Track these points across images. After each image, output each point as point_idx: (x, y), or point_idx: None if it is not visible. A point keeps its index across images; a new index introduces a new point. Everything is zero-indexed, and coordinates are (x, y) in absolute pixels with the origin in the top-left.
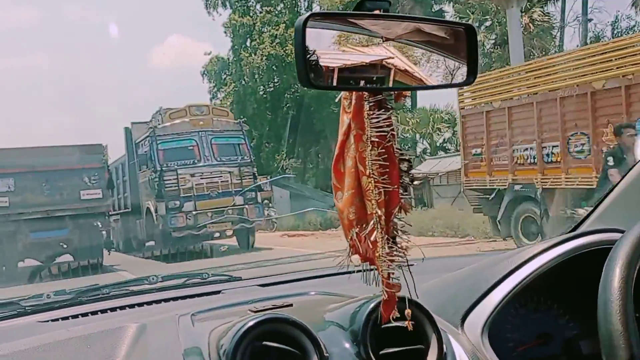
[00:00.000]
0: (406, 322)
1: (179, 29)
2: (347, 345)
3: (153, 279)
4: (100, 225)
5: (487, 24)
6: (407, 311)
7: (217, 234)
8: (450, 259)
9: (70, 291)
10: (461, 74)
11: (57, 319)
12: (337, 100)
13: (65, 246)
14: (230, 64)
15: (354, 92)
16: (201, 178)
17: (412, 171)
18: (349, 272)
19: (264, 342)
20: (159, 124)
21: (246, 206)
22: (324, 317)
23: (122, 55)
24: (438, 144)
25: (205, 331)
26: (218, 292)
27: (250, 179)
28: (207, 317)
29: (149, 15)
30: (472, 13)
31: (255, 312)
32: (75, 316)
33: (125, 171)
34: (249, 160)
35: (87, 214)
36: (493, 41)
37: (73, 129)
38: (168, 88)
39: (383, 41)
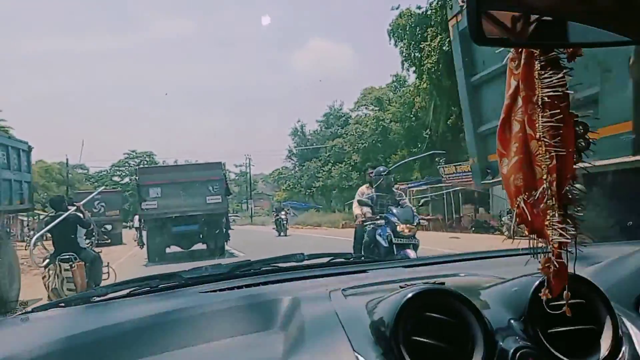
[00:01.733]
0: (576, 301)
1: None
2: (512, 321)
3: (300, 256)
4: (221, 222)
5: None
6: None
7: None
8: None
9: (226, 265)
10: None
11: (215, 290)
12: (502, 62)
13: (198, 237)
14: (429, 15)
15: (523, 52)
16: None
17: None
18: (501, 255)
19: (426, 313)
20: None
21: None
22: (481, 295)
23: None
24: None
25: (360, 304)
26: (364, 271)
27: None
28: (359, 292)
29: None
30: None
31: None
32: (231, 288)
33: None
34: None
35: (211, 214)
36: None
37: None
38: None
39: None
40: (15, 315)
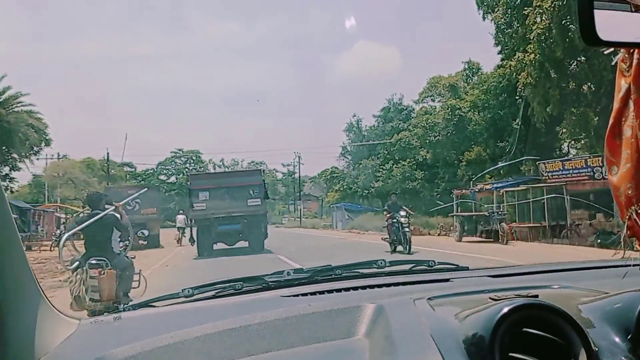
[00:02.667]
0: None
1: None
2: (617, 339)
3: (381, 263)
4: (260, 222)
5: None
6: None
7: None
8: None
9: (307, 270)
10: None
11: (297, 295)
12: (612, 64)
13: (240, 235)
14: None
15: (635, 52)
16: None
17: None
18: (593, 267)
19: (524, 329)
20: None
21: None
22: (581, 310)
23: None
24: None
25: (449, 314)
26: (447, 280)
27: None
28: (445, 302)
29: None
30: None
31: (497, 300)
32: (313, 293)
33: None
34: None
35: (252, 215)
36: None
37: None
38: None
39: None
40: (109, 314)
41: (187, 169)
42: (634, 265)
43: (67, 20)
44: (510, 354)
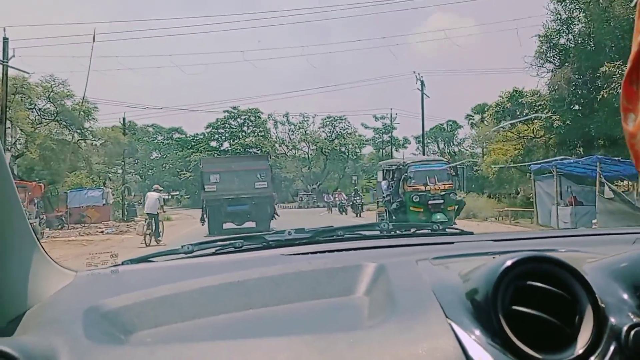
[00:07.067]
0: None
1: None
2: (624, 296)
3: (384, 225)
4: (267, 203)
5: None
6: None
7: None
8: None
9: (309, 230)
10: None
11: (298, 254)
12: (632, 4)
13: (248, 215)
14: None
15: None
16: None
17: None
18: (601, 234)
19: (528, 282)
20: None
21: None
22: (588, 267)
23: None
24: None
25: (451, 272)
26: (451, 243)
27: None
28: (448, 262)
29: None
30: None
31: None
32: (314, 252)
33: None
34: None
35: (259, 197)
36: None
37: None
38: None
39: None
40: (106, 267)
41: (243, 132)
42: None
43: None
44: (514, 307)
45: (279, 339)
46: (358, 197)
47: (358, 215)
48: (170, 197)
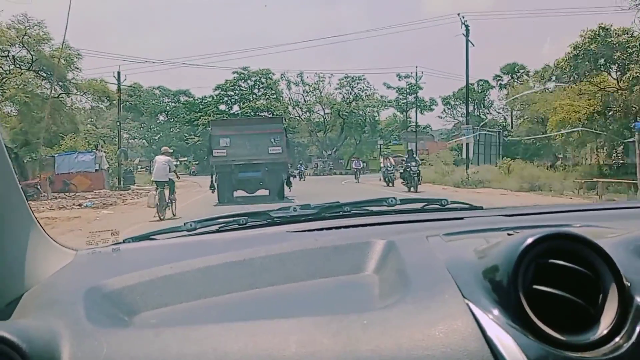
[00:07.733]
0: None
1: None
2: None
3: (392, 201)
4: (281, 170)
5: None
6: None
7: None
8: None
9: (315, 206)
10: None
11: (304, 231)
12: None
13: (261, 183)
14: None
15: None
16: None
17: None
18: (620, 207)
19: (550, 260)
20: None
21: None
22: (609, 244)
23: None
24: None
25: (465, 249)
26: (460, 218)
27: None
28: (460, 238)
29: None
30: None
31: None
32: (320, 229)
33: None
34: None
35: (273, 163)
36: None
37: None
38: None
39: None
40: (107, 245)
41: (254, 95)
42: None
43: None
44: (535, 286)
45: (289, 321)
46: (414, 163)
47: (413, 189)
48: (178, 162)
